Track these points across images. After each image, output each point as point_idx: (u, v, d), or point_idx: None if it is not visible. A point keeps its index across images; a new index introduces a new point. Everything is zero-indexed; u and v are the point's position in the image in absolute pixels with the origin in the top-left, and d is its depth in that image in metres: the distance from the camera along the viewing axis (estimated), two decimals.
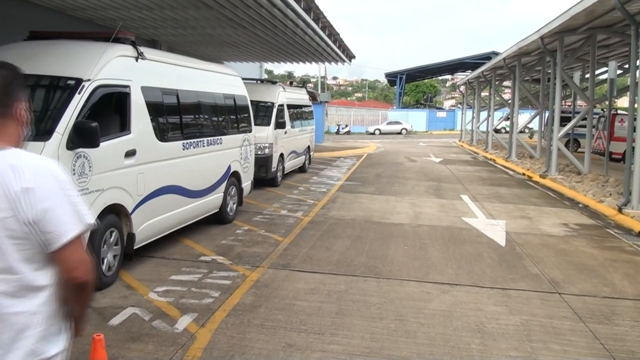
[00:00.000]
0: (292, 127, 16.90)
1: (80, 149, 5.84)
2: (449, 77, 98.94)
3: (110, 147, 6.45)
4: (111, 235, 6.51)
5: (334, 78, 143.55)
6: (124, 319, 5.55)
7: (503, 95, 37.55)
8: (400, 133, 56.13)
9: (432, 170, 20.46)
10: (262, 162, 13.78)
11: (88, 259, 2.14)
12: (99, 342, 3.88)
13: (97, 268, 6.21)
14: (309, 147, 19.40)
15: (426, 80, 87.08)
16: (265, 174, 14.21)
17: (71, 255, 2.06)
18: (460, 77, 61.32)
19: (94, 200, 6.11)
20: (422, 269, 7.52)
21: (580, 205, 13.25)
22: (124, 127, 6.85)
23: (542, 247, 8.93)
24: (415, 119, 63.71)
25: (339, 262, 7.71)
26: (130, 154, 6.83)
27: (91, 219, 2.16)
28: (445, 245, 8.87)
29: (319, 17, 15.11)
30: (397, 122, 58.69)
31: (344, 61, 21.87)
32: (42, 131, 5.75)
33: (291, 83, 21.62)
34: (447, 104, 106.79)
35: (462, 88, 47.52)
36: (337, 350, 4.93)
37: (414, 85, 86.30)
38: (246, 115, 11.14)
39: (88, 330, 5.07)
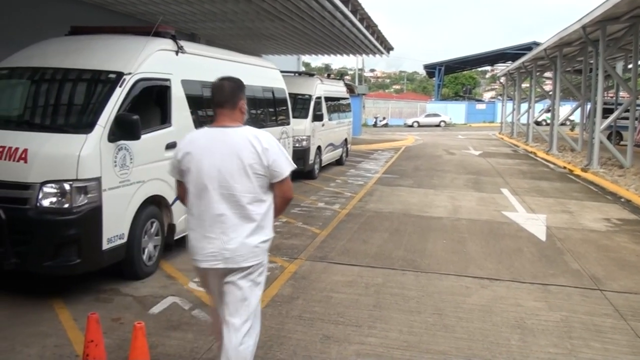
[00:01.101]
0: (330, 119, 16.90)
1: (122, 142, 5.95)
2: (488, 68, 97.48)
3: (151, 140, 6.55)
4: (152, 226, 6.63)
5: (372, 70, 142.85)
6: (164, 307, 5.66)
7: (544, 87, 36.81)
8: (438, 125, 55.61)
9: (471, 163, 20.25)
10: (299, 154, 13.82)
11: (292, 186, 3.81)
12: (140, 330, 3.97)
13: (138, 258, 6.34)
14: (346, 139, 19.38)
15: (465, 72, 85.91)
16: (303, 167, 14.25)
17: (285, 184, 3.71)
18: (501, 68, 60.37)
19: (135, 191, 6.23)
20: (461, 263, 7.47)
21: (623, 200, 12.95)
22: (164, 120, 6.96)
23: (583, 243, 8.76)
24: (454, 111, 62.95)
25: (376, 255, 7.71)
26: (170, 146, 6.91)
27: (294, 165, 3.80)
28: (484, 240, 8.79)
29: (356, 8, 15.05)
30: (435, 115, 58.13)
31: (381, 53, 21.74)
32: (84, 124, 5.89)
33: (329, 75, 21.62)
34: (487, 95, 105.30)
35: (503, 79, 46.80)
36: (374, 343, 4.95)
37: (453, 76, 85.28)
38: (284, 107, 11.19)
39: (129, 318, 5.23)
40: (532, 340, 5.14)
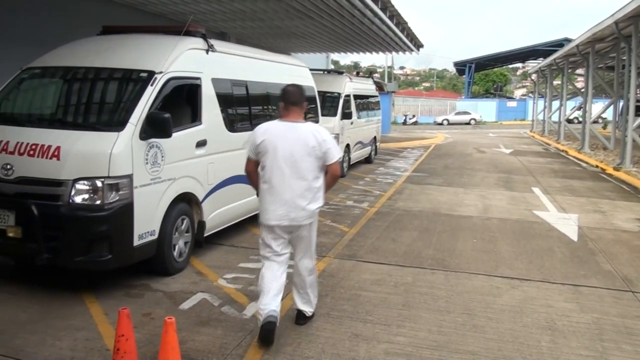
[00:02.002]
0: (359, 117, 16.85)
1: (153, 139, 6.01)
2: (519, 65, 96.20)
3: (182, 138, 6.61)
4: (182, 223, 6.69)
5: (401, 68, 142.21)
6: (194, 303, 5.71)
7: (576, 84, 36.21)
8: (469, 123, 55.13)
9: (502, 162, 20.02)
10: None
11: (339, 167, 5.02)
12: (171, 325, 4.00)
13: (169, 254, 6.40)
14: (375, 137, 19.30)
15: (496, 69, 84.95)
16: None
17: (335, 165, 4.97)
18: (532, 65, 59.50)
19: (166, 189, 6.29)
20: (491, 263, 7.39)
21: None
22: (195, 118, 7.01)
23: (616, 243, 8.60)
24: (485, 108, 62.30)
25: (405, 254, 7.67)
26: (201, 144, 6.98)
27: (341, 153, 6.01)
28: (515, 239, 8.68)
29: (386, 5, 14.98)
30: (465, 112, 57.63)
31: (411, 50, 21.60)
32: (116, 122, 5.96)
33: (358, 73, 21.53)
34: (518, 93, 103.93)
35: (534, 76, 46.14)
36: (403, 342, 4.92)
37: (484, 74, 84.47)
38: (313, 106, 11.18)
39: (159, 314, 5.29)
40: (562, 342, 5.06)
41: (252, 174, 5.12)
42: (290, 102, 5.05)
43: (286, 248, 5.07)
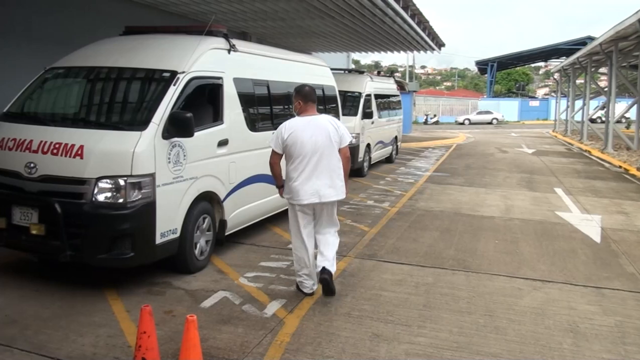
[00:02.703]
0: (380, 117, 16.81)
1: (176, 139, 6.05)
2: (542, 64, 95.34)
3: (204, 137, 6.64)
4: (204, 222, 6.72)
5: (422, 67, 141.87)
6: (215, 301, 5.73)
7: (599, 83, 35.73)
8: (490, 123, 54.72)
9: (524, 162, 19.84)
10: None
11: (349, 151, 6.00)
12: (192, 322, 4.02)
13: (190, 252, 6.44)
14: (396, 137, 19.24)
15: (518, 68, 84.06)
16: (352, 164, 14.17)
17: (347, 149, 5.90)
18: (554, 63, 58.89)
19: (188, 187, 6.32)
20: (513, 264, 7.33)
21: None
22: (216, 117, 7.04)
23: (639, 245, 8.47)
24: (507, 108, 61.74)
25: (426, 254, 7.63)
26: (222, 143, 7.01)
27: (351, 137, 6.14)
28: (537, 240, 8.60)
29: (408, 4, 14.90)
30: (487, 112, 57.19)
31: (433, 49, 21.48)
32: (138, 121, 6.00)
33: (379, 72, 21.50)
34: (540, 92, 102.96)
35: (556, 75, 45.52)
36: (424, 343, 4.90)
37: (506, 73, 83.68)
38: (334, 105, 11.18)
39: (181, 311, 5.32)
40: (585, 345, 4.99)
41: (276, 166, 5.94)
42: (309, 99, 5.89)
43: (310, 223, 5.96)
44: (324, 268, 5.85)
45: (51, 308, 5.45)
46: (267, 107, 8.32)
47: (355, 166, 14.43)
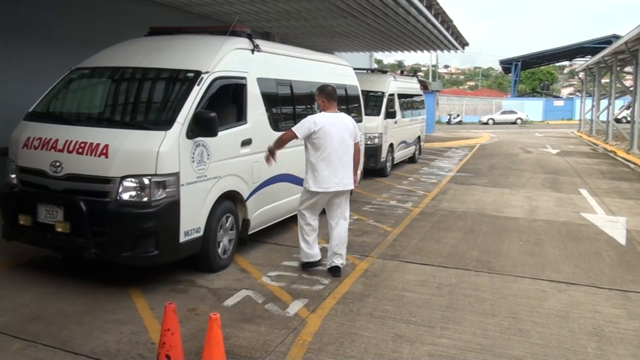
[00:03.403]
0: (403, 116, 16.74)
1: (200, 138, 6.08)
2: (566, 63, 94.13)
3: (227, 137, 6.66)
4: (227, 221, 6.75)
5: (446, 66, 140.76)
6: (238, 300, 5.76)
7: (624, 82, 35.15)
8: (514, 123, 54.20)
9: (548, 162, 19.63)
10: (371, 152, 13.77)
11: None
12: (215, 321, 4.04)
13: (213, 251, 6.47)
14: (419, 137, 19.15)
15: (543, 67, 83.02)
16: (375, 164, 14.18)
17: (359, 144, 6.79)
18: (579, 63, 58.06)
19: (211, 187, 6.35)
20: (537, 266, 7.25)
21: None
22: (240, 117, 7.06)
23: None
24: (531, 108, 61.10)
25: (450, 255, 7.59)
26: (246, 143, 7.03)
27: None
28: (562, 242, 8.50)
29: (431, 3, 14.81)
30: (511, 112, 56.67)
31: (456, 49, 21.32)
32: (163, 121, 6.04)
33: (402, 72, 21.39)
34: (565, 92, 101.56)
35: (581, 75, 44.93)
36: (447, 344, 4.87)
37: (530, 72, 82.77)
38: (357, 105, 11.16)
39: (204, 309, 5.35)
40: (609, 349, 4.92)
41: (286, 142, 6.68)
42: (332, 97, 6.65)
43: (321, 209, 6.80)
44: (338, 267, 6.66)
45: (75, 305, 5.52)
46: (290, 106, 8.32)
47: (378, 166, 14.41)
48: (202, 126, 5.99)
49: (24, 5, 9.92)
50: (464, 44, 21.23)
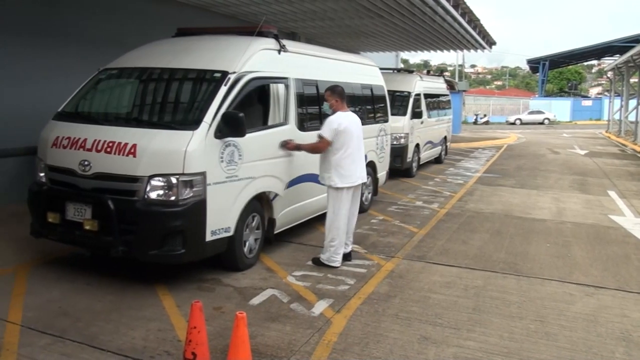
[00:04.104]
0: (429, 117, 16.65)
1: (229, 138, 6.07)
2: (595, 62, 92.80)
3: (262, 137, 6.71)
4: (253, 220, 6.76)
5: (472, 66, 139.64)
6: (263, 299, 5.77)
7: None
8: (542, 123, 53.59)
9: (576, 163, 19.37)
10: (397, 152, 13.70)
11: None
12: (242, 319, 4.06)
13: (239, 250, 6.50)
14: (445, 137, 19.04)
15: (571, 66, 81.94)
16: (401, 165, 14.13)
17: (320, 137, 6.83)
18: (608, 62, 57.17)
19: (243, 187, 6.35)
20: (565, 269, 7.15)
21: None
22: (266, 117, 7.08)
23: None
24: (559, 108, 60.34)
25: (476, 257, 7.52)
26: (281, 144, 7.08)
27: None
28: (590, 245, 8.38)
29: (458, 2, 14.73)
30: (539, 112, 56.02)
31: (484, 48, 21.15)
32: (190, 121, 6.06)
33: (428, 72, 21.29)
34: (593, 91, 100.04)
35: (610, 74, 44.21)
36: (473, 347, 4.82)
37: (558, 72, 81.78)
38: (383, 105, 11.12)
39: (230, 308, 5.37)
40: (637, 354, 4.83)
41: (325, 150, 6.83)
42: (343, 97, 6.97)
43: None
44: (349, 254, 7.20)
45: (103, 301, 5.58)
46: (315, 106, 8.32)
47: (404, 166, 14.36)
48: (230, 126, 6.00)
49: (53, 7, 10.08)
50: (491, 43, 21.05)
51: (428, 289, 6.24)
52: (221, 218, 6.08)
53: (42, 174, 6.48)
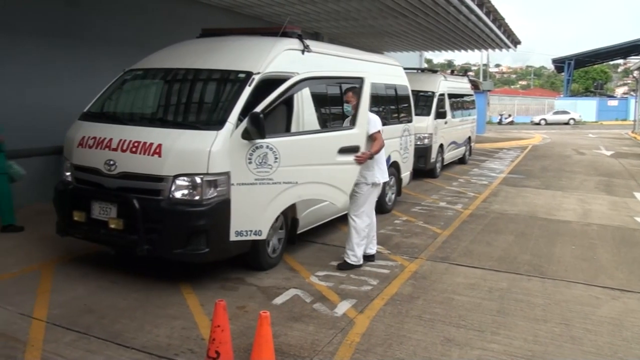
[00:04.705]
0: (453, 117, 16.53)
1: (261, 140, 5.92)
2: (621, 61, 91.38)
3: (307, 141, 6.58)
4: (277, 220, 6.76)
5: (497, 65, 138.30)
6: (286, 299, 5.79)
7: None
8: (567, 123, 52.94)
9: (602, 164, 19.12)
10: (421, 152, 13.64)
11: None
12: (265, 319, 4.07)
13: (263, 250, 6.51)
14: (469, 137, 18.89)
15: (596, 66, 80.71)
16: (424, 165, 14.06)
17: (376, 135, 6.80)
18: (634, 61, 56.25)
19: (280, 191, 6.13)
20: (590, 271, 7.06)
21: None
22: (290, 118, 7.06)
23: None
24: (584, 108, 59.53)
25: (501, 259, 7.46)
26: (347, 150, 7.00)
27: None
28: (616, 247, 8.26)
29: (482, 1, 14.62)
30: (564, 112, 55.34)
31: (508, 47, 20.97)
32: (214, 121, 6.09)
33: (452, 72, 21.16)
34: (619, 91, 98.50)
35: (636, 73, 43.48)
36: (497, 350, 4.78)
37: (583, 71, 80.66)
38: (407, 105, 11.08)
39: (253, 307, 5.39)
40: None
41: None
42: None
43: None
44: (374, 254, 7.22)
45: (127, 299, 5.65)
46: (339, 107, 8.30)
47: (428, 167, 14.29)
48: (252, 127, 5.94)
49: (79, 9, 10.21)
50: (515, 42, 20.86)
51: (452, 290, 6.21)
52: (248, 219, 5.99)
53: (68, 173, 6.57)
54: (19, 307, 5.35)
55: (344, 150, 6.59)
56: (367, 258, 7.03)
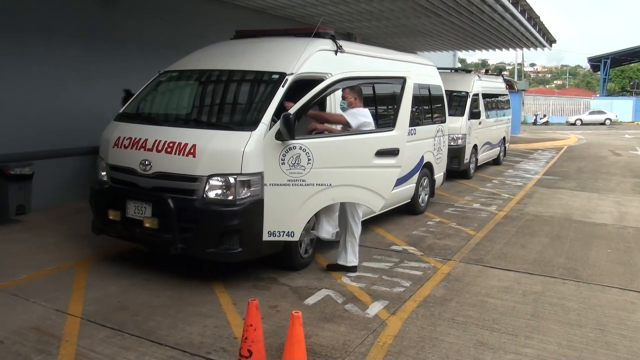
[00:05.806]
0: (487, 117, 16.37)
1: (294, 141, 5.86)
2: None
3: (343, 143, 6.43)
4: (309, 221, 6.77)
5: (532, 64, 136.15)
6: (318, 299, 5.81)
7: None
8: (603, 123, 51.90)
9: (638, 166, 18.69)
10: (454, 153, 13.53)
11: None
12: (297, 318, 4.08)
13: (295, 250, 6.54)
14: (504, 138, 18.67)
15: (633, 64, 78.90)
16: (458, 166, 13.95)
17: (344, 121, 6.53)
18: None
19: (314, 193, 6.03)
20: (626, 276, 6.92)
21: None
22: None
23: None
24: (621, 107, 58.21)
25: (535, 261, 7.36)
26: (385, 153, 6.97)
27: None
28: None
29: (517, 0, 14.46)
30: (600, 112, 54.26)
31: (543, 46, 20.69)
32: (248, 122, 6.13)
33: (486, 71, 20.94)
34: None
35: None
36: (531, 354, 4.72)
37: (620, 70, 78.95)
38: (440, 105, 11.00)
39: (285, 307, 5.42)
40: None
41: (338, 123, 6.67)
42: (361, 96, 6.80)
43: None
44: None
45: (161, 297, 5.72)
46: (372, 107, 8.28)
47: (461, 168, 14.18)
48: (283, 127, 5.88)
49: (114, 11, 10.38)
50: (551, 41, 20.57)
51: (485, 293, 6.15)
52: (281, 220, 5.98)
53: (103, 173, 6.69)
54: (55, 303, 5.47)
55: (381, 153, 6.40)
56: (340, 268, 6.75)
